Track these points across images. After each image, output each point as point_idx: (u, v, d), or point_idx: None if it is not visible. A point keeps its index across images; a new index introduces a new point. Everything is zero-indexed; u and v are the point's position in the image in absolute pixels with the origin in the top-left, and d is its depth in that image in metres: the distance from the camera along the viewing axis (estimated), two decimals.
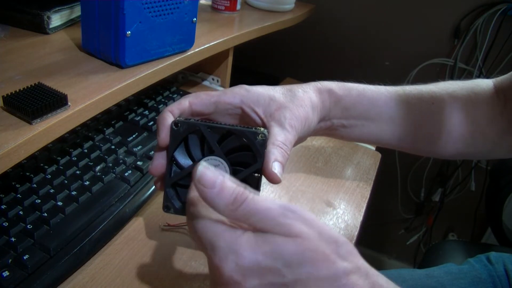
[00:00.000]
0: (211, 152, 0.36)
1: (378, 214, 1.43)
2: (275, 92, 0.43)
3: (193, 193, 0.31)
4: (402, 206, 1.44)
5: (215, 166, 0.36)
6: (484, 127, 0.53)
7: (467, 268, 0.70)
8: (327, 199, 0.62)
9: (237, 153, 0.36)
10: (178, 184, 0.37)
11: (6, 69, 0.50)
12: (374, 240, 1.49)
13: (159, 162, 0.37)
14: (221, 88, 0.87)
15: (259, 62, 1.29)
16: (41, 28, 0.61)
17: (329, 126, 0.50)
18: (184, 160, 0.37)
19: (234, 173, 0.36)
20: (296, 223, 0.28)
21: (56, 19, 0.63)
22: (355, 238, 0.56)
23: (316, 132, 0.50)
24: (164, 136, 0.36)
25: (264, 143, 0.36)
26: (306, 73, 1.30)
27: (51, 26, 0.62)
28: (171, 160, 0.37)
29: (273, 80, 1.09)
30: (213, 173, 0.29)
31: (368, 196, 0.65)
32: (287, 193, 0.62)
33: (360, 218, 0.60)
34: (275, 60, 1.34)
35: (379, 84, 0.55)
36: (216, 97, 0.41)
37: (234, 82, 0.88)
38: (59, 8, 0.63)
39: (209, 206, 0.29)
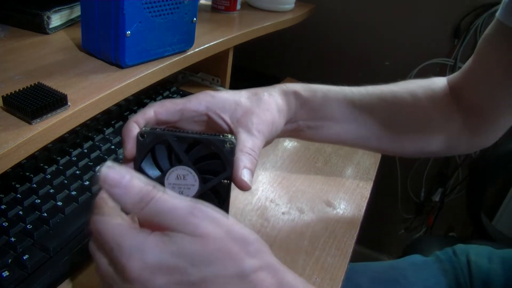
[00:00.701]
0: (179, 162, 0.35)
1: (378, 214, 1.43)
2: (241, 97, 0.43)
3: (100, 195, 0.31)
4: (402, 206, 1.44)
5: (184, 175, 0.35)
6: (442, 125, 0.55)
7: (432, 259, 0.71)
8: (327, 199, 0.62)
9: (206, 162, 0.36)
10: None
11: (6, 69, 0.50)
12: (374, 240, 1.49)
13: None
14: (221, 88, 0.87)
15: (259, 62, 1.29)
16: (41, 28, 0.61)
17: (295, 127, 0.50)
18: (152, 171, 0.36)
19: (203, 181, 0.35)
20: (203, 222, 0.28)
21: (56, 19, 0.63)
22: (355, 238, 0.56)
23: (283, 134, 0.50)
24: (130, 147, 0.36)
25: (232, 151, 0.35)
26: (306, 73, 1.30)
27: (51, 26, 0.62)
28: (139, 172, 0.35)
29: (273, 80, 1.08)
30: (118, 173, 0.29)
31: (368, 196, 0.65)
32: (287, 193, 0.62)
33: (360, 218, 0.60)
34: (275, 60, 1.34)
35: (379, 84, 0.55)
36: (181, 104, 0.40)
37: (234, 82, 0.88)
38: (59, 8, 0.63)
39: (115, 208, 0.30)
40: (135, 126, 0.37)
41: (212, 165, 0.36)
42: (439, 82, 0.57)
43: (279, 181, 0.65)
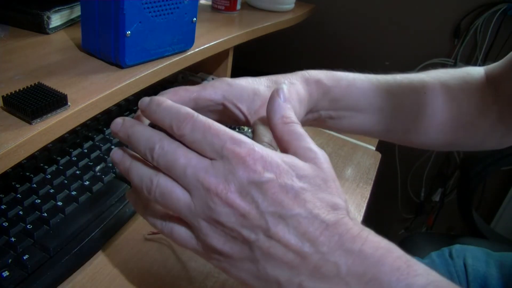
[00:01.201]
0: None
1: (378, 214, 1.43)
2: (260, 85, 0.41)
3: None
4: (402, 206, 1.44)
5: None
6: (475, 118, 0.52)
7: (427, 263, 0.70)
8: None
9: None
10: None
11: (6, 69, 0.50)
12: None
13: None
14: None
15: (259, 62, 1.29)
16: (41, 28, 0.61)
17: (317, 117, 0.48)
18: None
19: None
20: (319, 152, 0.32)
21: (56, 19, 0.63)
22: None
23: (303, 124, 0.48)
24: None
25: None
26: None
27: (51, 26, 0.62)
28: None
29: None
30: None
31: (368, 196, 0.65)
32: None
33: (360, 218, 0.60)
34: (275, 60, 1.34)
35: None
36: (196, 93, 0.39)
37: None
38: (59, 8, 0.63)
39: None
40: (144, 119, 0.36)
41: None
42: (474, 73, 0.53)
43: None
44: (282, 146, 0.32)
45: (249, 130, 0.35)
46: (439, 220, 1.39)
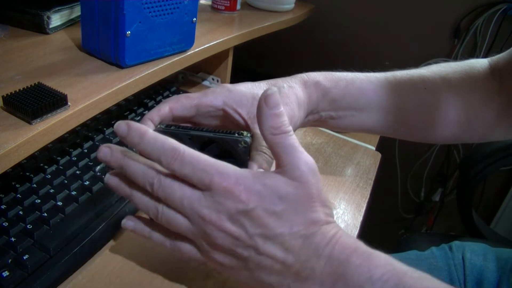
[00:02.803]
0: None
1: (378, 214, 1.43)
2: (259, 89, 0.42)
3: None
4: (402, 206, 1.44)
5: None
6: (479, 110, 0.52)
7: (426, 255, 0.71)
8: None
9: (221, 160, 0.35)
10: None
11: (6, 69, 0.50)
12: (374, 240, 1.49)
13: None
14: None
15: (259, 62, 1.29)
16: (41, 28, 0.61)
17: (317, 118, 0.49)
18: None
19: None
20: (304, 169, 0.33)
21: (56, 19, 0.63)
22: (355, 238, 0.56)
23: (304, 124, 0.49)
24: None
25: (246, 151, 0.35)
26: None
27: (51, 26, 0.62)
28: None
29: None
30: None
31: (368, 196, 0.65)
32: None
33: (360, 218, 0.60)
34: (275, 60, 1.34)
35: None
36: (197, 99, 0.40)
37: (234, 82, 0.88)
38: (59, 8, 0.63)
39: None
40: (150, 123, 0.37)
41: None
42: (478, 65, 0.53)
43: None
44: (274, 157, 0.34)
45: (249, 135, 0.35)
46: (439, 220, 1.39)
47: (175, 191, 0.33)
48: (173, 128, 0.36)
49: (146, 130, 0.33)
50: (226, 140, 0.35)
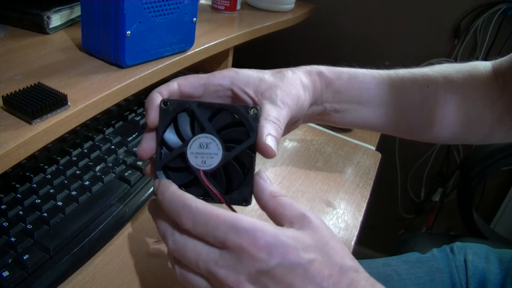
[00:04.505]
0: (202, 130, 0.35)
1: (378, 214, 1.43)
2: (264, 74, 0.43)
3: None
4: (402, 206, 1.44)
5: (207, 144, 0.35)
6: (480, 111, 0.52)
7: (427, 257, 0.71)
8: (327, 199, 0.62)
9: (229, 130, 0.35)
10: (169, 167, 0.35)
11: (6, 69, 0.50)
12: (374, 240, 1.49)
13: (148, 144, 0.36)
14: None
15: (259, 62, 1.29)
16: (41, 28, 0.61)
17: (322, 110, 0.49)
18: (174, 141, 0.35)
19: (226, 149, 0.34)
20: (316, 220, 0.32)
21: (56, 19, 0.63)
22: (355, 238, 0.56)
23: (310, 117, 0.49)
24: (153, 117, 0.35)
25: (256, 117, 0.35)
26: None
27: (51, 26, 0.62)
28: (161, 142, 0.35)
29: None
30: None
31: (368, 196, 0.65)
32: (287, 193, 0.62)
33: (360, 218, 0.60)
34: (275, 60, 1.34)
35: None
36: (205, 79, 0.40)
37: None
38: (59, 8, 0.63)
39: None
40: (158, 96, 0.37)
41: (235, 133, 0.35)
42: (481, 67, 0.53)
43: (279, 181, 0.65)
44: (276, 219, 0.33)
45: (258, 107, 0.36)
46: (439, 220, 1.39)
47: (189, 251, 0.31)
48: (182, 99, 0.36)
49: (167, 186, 0.33)
50: (236, 107, 0.35)
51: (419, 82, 0.52)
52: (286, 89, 0.41)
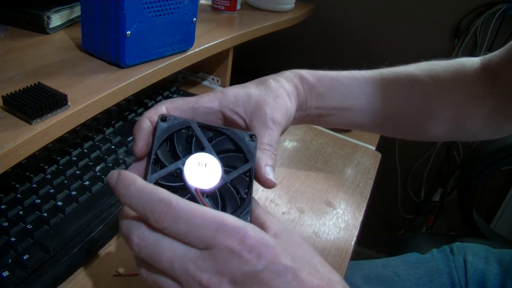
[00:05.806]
0: (201, 150, 0.34)
1: (378, 214, 1.43)
2: (250, 88, 0.42)
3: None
4: (402, 206, 1.44)
5: (206, 163, 0.33)
6: (469, 109, 0.51)
7: (427, 258, 0.71)
8: (327, 199, 0.62)
9: (227, 155, 0.35)
10: (161, 184, 0.32)
11: (6, 69, 0.50)
12: (374, 240, 1.49)
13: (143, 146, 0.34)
14: (221, 88, 0.87)
15: (259, 62, 1.29)
16: (41, 28, 0.61)
17: (308, 114, 0.49)
18: (168, 160, 0.33)
19: (225, 172, 0.34)
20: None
21: (56, 19, 0.63)
22: (355, 238, 0.56)
23: (296, 121, 0.48)
24: (141, 145, 0.34)
25: (255, 144, 0.35)
26: None
27: (51, 26, 0.62)
28: (155, 160, 0.33)
29: None
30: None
31: (368, 196, 0.65)
32: (287, 193, 0.62)
33: (360, 218, 0.60)
34: (275, 60, 1.34)
35: None
36: (193, 102, 0.39)
37: (234, 82, 0.88)
38: (59, 8, 0.63)
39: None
40: (147, 122, 0.35)
41: (234, 158, 0.35)
42: (468, 63, 0.53)
43: (279, 181, 0.65)
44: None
45: (255, 135, 0.36)
46: (439, 220, 1.39)
47: (162, 250, 0.27)
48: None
49: (134, 179, 0.29)
50: (236, 132, 0.35)
51: (403, 82, 0.51)
52: (273, 103, 0.40)
